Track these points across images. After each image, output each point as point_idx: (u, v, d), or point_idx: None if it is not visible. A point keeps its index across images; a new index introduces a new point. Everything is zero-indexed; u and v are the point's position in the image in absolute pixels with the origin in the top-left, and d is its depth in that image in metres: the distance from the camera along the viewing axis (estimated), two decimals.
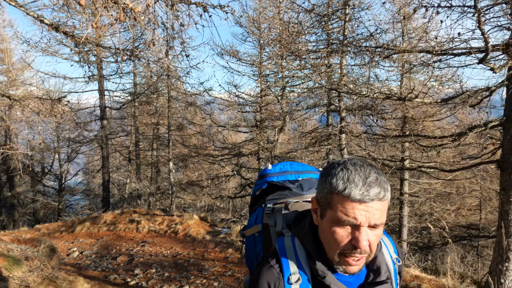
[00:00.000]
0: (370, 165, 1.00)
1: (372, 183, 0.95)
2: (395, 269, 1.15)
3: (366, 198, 0.93)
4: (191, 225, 9.18)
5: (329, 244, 1.01)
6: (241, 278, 5.73)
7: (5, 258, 4.36)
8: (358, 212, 0.94)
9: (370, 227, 0.97)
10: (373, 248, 1.00)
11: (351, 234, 0.97)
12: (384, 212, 0.98)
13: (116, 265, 7.17)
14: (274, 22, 12.91)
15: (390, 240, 1.21)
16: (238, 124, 15.99)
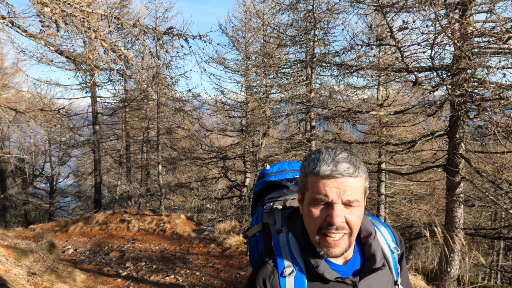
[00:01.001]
0: (345, 149, 1.03)
1: (341, 159, 0.98)
2: (394, 258, 1.15)
3: (335, 173, 0.96)
4: (178, 224, 9.92)
5: (308, 226, 1.03)
6: (220, 269, 6.52)
7: (14, 249, 5.08)
8: (329, 188, 0.96)
9: (345, 204, 0.98)
10: (353, 227, 1.00)
11: (326, 212, 0.98)
12: (358, 189, 0.99)
13: (109, 259, 7.87)
14: (258, 33, 13.73)
15: (387, 230, 1.21)
16: (225, 129, 16.78)
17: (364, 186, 1.02)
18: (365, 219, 1.13)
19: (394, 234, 1.21)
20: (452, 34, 4.40)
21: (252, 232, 1.39)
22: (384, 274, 1.09)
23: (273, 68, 8.62)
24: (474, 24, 5.90)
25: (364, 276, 1.05)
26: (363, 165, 1.02)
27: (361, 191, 1.00)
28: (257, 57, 11.20)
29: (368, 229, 1.11)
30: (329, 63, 7.28)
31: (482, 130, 5.12)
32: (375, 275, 1.06)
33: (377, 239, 1.12)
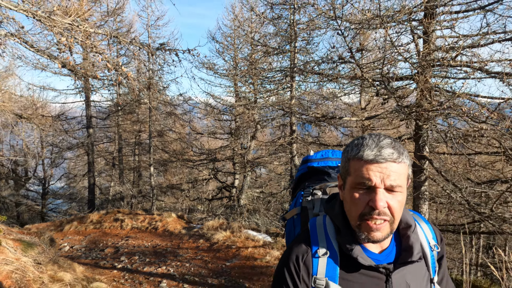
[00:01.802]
0: (388, 136, 1.02)
1: (385, 145, 0.98)
2: (432, 255, 1.13)
3: (378, 157, 0.96)
4: (169, 222, 10.50)
5: (350, 211, 1.03)
6: (208, 261, 7.14)
7: (21, 242, 5.63)
8: (372, 172, 0.96)
9: (388, 190, 0.97)
10: (395, 214, 0.99)
11: (368, 196, 0.97)
12: (402, 176, 0.99)
13: (104, 255, 8.43)
14: (246, 40, 14.37)
15: (429, 226, 1.19)
16: (215, 131, 17.38)
17: (408, 173, 1.02)
18: (406, 212, 1.12)
19: (435, 232, 1.18)
20: (400, 54, 5.11)
21: (290, 214, 1.41)
22: (420, 269, 1.08)
23: (256, 77, 9.27)
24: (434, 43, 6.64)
25: (398, 266, 1.03)
26: (407, 152, 1.02)
27: (404, 177, 1.00)
28: (245, 64, 11.85)
29: (408, 220, 1.10)
30: (309, 72, 7.96)
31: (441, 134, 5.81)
32: (410, 268, 1.05)
33: (416, 233, 1.09)
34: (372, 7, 4.92)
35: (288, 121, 10.85)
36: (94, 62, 4.25)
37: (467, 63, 5.94)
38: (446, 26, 7.16)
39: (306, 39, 10.90)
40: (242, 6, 14.53)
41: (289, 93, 10.54)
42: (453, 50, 5.53)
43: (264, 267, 6.41)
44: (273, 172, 16.56)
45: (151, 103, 13.22)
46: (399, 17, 6.57)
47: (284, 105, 8.91)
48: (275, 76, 11.05)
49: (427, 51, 6.16)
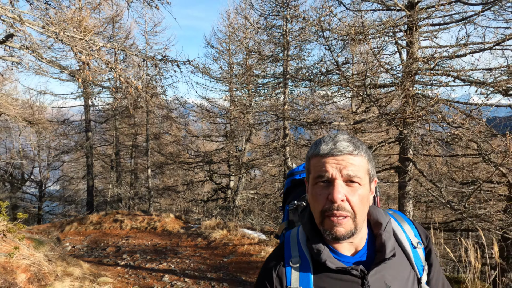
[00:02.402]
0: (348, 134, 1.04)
1: (341, 139, 1.00)
2: (417, 253, 1.10)
3: (334, 151, 0.97)
4: (168, 222, 10.91)
5: (313, 208, 1.02)
6: (206, 257, 7.57)
7: (32, 240, 6.02)
8: (329, 165, 0.97)
9: (346, 182, 0.97)
10: (356, 208, 0.97)
11: (327, 190, 0.97)
12: (360, 168, 0.98)
13: (106, 253, 8.81)
14: (241, 45, 14.85)
15: (410, 225, 1.16)
16: (211, 134, 17.82)
17: (367, 167, 1.01)
18: (377, 210, 1.10)
19: (418, 230, 1.15)
20: (381, 66, 5.62)
21: (280, 230, 1.43)
22: (403, 269, 1.05)
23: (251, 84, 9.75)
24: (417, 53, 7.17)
25: (373, 267, 1.00)
26: (366, 148, 1.03)
27: (363, 170, 0.99)
28: (240, 70, 12.34)
29: (378, 219, 1.08)
30: (301, 79, 8.45)
31: (417, 138, 6.32)
32: (388, 269, 1.02)
33: (389, 230, 1.06)
34: (357, 23, 5.41)
35: (281, 125, 11.33)
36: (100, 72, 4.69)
37: (446, 71, 6.48)
38: (428, 37, 7.73)
39: (299, 46, 11.43)
40: (236, 13, 15.03)
41: (282, 98, 11.04)
42: (430, 60, 6.05)
43: (259, 262, 6.86)
44: (267, 174, 17.03)
45: (149, 108, 13.62)
46: (384, 29, 7.11)
47: (277, 110, 9.40)
48: (269, 83, 11.56)
49: (409, 61, 6.69)
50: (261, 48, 12.80)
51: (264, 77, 11.58)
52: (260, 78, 11.54)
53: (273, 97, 10.96)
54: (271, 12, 9.86)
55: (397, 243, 1.09)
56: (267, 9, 11.64)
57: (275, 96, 11.18)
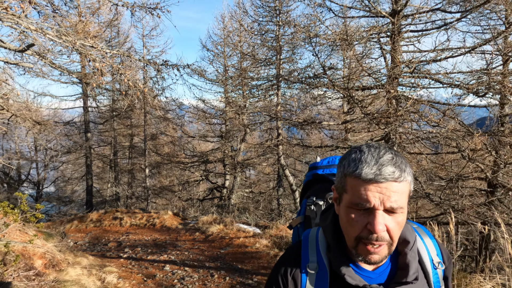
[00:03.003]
0: (388, 148, 0.95)
1: (385, 162, 0.90)
2: (436, 273, 1.06)
3: (378, 177, 0.88)
4: (166, 219, 11.36)
5: (346, 231, 0.97)
6: (204, 249, 8.05)
7: (43, 233, 6.46)
8: (371, 193, 0.89)
9: (387, 211, 0.90)
10: (394, 236, 0.93)
11: (366, 219, 0.91)
12: (403, 195, 0.91)
13: (108, 248, 9.24)
14: (236, 48, 15.35)
15: (433, 242, 1.11)
16: (206, 135, 18.29)
17: (409, 190, 0.94)
18: (406, 227, 1.05)
19: (440, 248, 1.11)
20: (364, 70, 6.14)
21: (295, 223, 1.42)
22: (420, 287, 1.01)
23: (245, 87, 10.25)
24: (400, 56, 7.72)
25: (393, 286, 0.99)
26: (409, 167, 0.95)
27: (405, 196, 0.92)
28: (235, 73, 12.87)
29: (407, 237, 1.04)
30: (293, 81, 8.97)
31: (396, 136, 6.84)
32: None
33: (415, 250, 1.03)
34: (344, 30, 5.92)
35: (274, 125, 11.85)
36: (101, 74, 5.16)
37: (425, 75, 7.03)
38: (411, 42, 8.30)
39: (291, 50, 11.97)
40: (231, 17, 15.53)
41: (275, 99, 11.57)
42: (410, 64, 6.60)
43: (254, 253, 7.35)
44: (262, 173, 17.52)
45: (147, 109, 14.06)
46: (369, 35, 7.65)
47: (271, 111, 9.92)
48: (263, 85, 12.09)
49: (392, 66, 7.24)
50: (255, 51, 13.32)
51: (258, 79, 12.12)
52: (254, 80, 12.08)
53: (266, 99, 11.51)
54: (264, 18, 10.38)
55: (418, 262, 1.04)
56: (261, 14, 12.18)
57: (269, 98, 11.73)
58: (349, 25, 8.64)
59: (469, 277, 4.04)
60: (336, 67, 6.46)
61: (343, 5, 7.95)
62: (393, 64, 7.33)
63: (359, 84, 7.04)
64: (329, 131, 15.17)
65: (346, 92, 6.07)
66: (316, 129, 12.74)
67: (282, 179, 14.89)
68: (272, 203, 17.29)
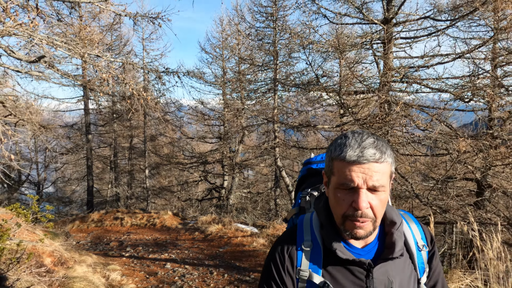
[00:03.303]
0: (372, 134, 1.03)
1: (367, 145, 0.98)
2: (420, 255, 1.15)
3: (361, 159, 0.97)
4: (166, 219, 11.65)
5: (334, 210, 1.05)
6: (203, 248, 8.35)
7: (49, 233, 6.74)
8: (355, 174, 0.97)
9: (370, 190, 0.98)
10: (377, 213, 1.01)
11: (351, 197, 0.99)
12: (384, 175, 1.00)
13: (110, 247, 9.52)
14: (234, 52, 15.63)
15: (418, 226, 1.20)
16: (205, 136, 18.58)
17: (390, 170, 1.03)
18: (392, 209, 1.14)
19: (425, 232, 1.20)
20: (355, 77, 6.46)
21: (290, 215, 1.49)
22: (406, 267, 1.11)
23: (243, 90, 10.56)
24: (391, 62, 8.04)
25: (380, 262, 1.07)
26: (390, 149, 1.03)
27: (387, 176, 1.01)
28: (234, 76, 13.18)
29: (393, 218, 1.12)
30: (289, 85, 9.27)
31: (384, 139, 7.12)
32: (392, 265, 1.07)
33: (401, 230, 1.11)
34: (338, 37, 6.23)
35: (272, 127, 12.17)
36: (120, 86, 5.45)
37: (414, 80, 7.35)
38: (402, 49, 8.62)
39: (288, 54, 12.28)
40: (229, 21, 15.83)
41: (273, 102, 11.89)
42: (400, 69, 6.92)
43: (251, 251, 7.65)
44: (259, 174, 17.81)
45: (147, 112, 14.34)
46: (362, 42, 7.97)
47: (268, 115, 10.23)
48: (260, 88, 12.41)
49: (384, 71, 7.56)
50: (253, 54, 13.63)
51: (256, 82, 12.44)
52: (252, 84, 12.39)
53: (264, 102, 11.84)
54: (261, 24, 10.70)
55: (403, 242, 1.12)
56: (258, 19, 12.49)
57: (266, 101, 12.06)
58: (343, 31, 8.97)
59: (450, 272, 4.34)
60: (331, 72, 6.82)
61: (337, 13, 8.27)
62: (385, 70, 7.65)
63: (352, 89, 7.35)
64: (325, 132, 15.51)
65: (338, 99, 6.38)
66: (312, 131, 13.08)
67: (279, 179, 15.20)
68: (270, 203, 17.60)
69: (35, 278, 4.02)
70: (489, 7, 7.21)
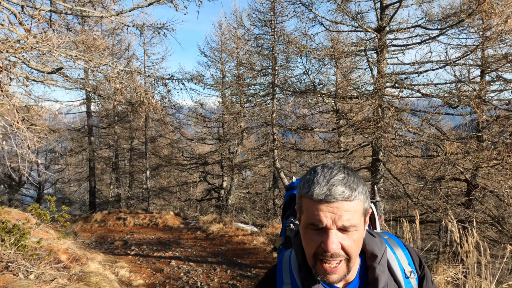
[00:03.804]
0: (343, 167, 0.98)
1: (336, 182, 0.93)
2: (409, 283, 1.08)
3: (328, 197, 0.91)
4: (168, 219, 12.02)
5: (305, 249, 1.00)
6: (206, 246, 8.72)
7: (59, 232, 7.10)
8: (323, 213, 0.92)
9: (340, 230, 0.93)
10: (351, 252, 0.95)
11: (321, 238, 0.94)
12: (356, 213, 0.94)
13: (115, 246, 9.88)
14: (232, 55, 16.01)
15: (404, 252, 1.14)
16: (204, 137, 18.94)
17: (363, 208, 0.97)
18: (373, 240, 1.08)
19: (412, 257, 1.13)
20: (349, 85, 6.88)
21: (278, 243, 1.48)
22: None
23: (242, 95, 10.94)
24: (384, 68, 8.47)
25: None
26: (362, 185, 0.97)
27: (358, 214, 0.95)
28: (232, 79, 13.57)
29: (374, 251, 1.06)
30: (287, 90, 9.67)
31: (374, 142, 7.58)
32: None
33: (383, 263, 1.05)
34: (330, 49, 6.64)
35: (270, 130, 12.59)
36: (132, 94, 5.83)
37: (407, 86, 7.77)
38: (394, 55, 9.04)
39: (286, 58, 12.69)
40: (228, 24, 16.21)
41: (271, 105, 12.30)
42: (392, 77, 7.33)
43: (252, 249, 8.05)
44: (258, 174, 18.19)
45: (147, 113, 14.71)
46: (357, 50, 8.38)
47: (267, 119, 10.64)
48: (259, 93, 12.83)
49: (377, 77, 7.98)
50: (252, 59, 14.02)
51: (254, 85, 12.85)
52: (251, 86, 12.80)
53: (262, 106, 12.27)
54: (260, 30, 11.10)
55: (389, 272, 1.06)
56: (256, 25, 12.88)
57: (265, 105, 12.48)
58: (340, 38, 9.39)
59: (436, 266, 4.75)
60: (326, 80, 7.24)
61: (332, 21, 8.69)
62: (379, 76, 8.07)
63: (348, 94, 7.76)
64: (322, 134, 15.93)
65: (333, 105, 6.80)
66: (310, 133, 13.48)
67: (278, 180, 15.59)
68: (268, 203, 17.99)
69: (56, 272, 4.38)
70: (475, 17, 7.66)
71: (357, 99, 7.37)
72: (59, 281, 4.02)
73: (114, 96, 5.27)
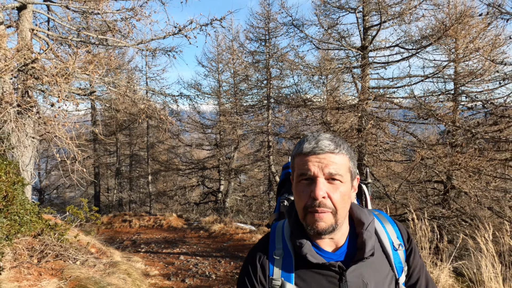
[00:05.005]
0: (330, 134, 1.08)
1: (323, 138, 1.04)
2: (397, 255, 1.14)
3: (316, 149, 1.02)
4: (172, 220, 12.95)
5: (297, 205, 1.07)
6: (209, 244, 9.69)
7: (82, 230, 8.01)
8: (311, 163, 1.01)
9: (328, 180, 1.01)
10: (337, 204, 1.01)
11: (310, 188, 1.01)
12: (342, 166, 1.03)
13: (125, 246, 10.78)
14: (228, 65, 17.02)
15: (393, 226, 1.20)
16: (202, 143, 19.88)
17: (348, 165, 1.05)
18: (361, 210, 1.15)
19: (400, 231, 1.19)
20: (335, 102, 7.95)
21: (271, 220, 1.55)
22: (381, 268, 1.10)
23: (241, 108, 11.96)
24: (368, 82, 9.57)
25: (352, 264, 1.05)
26: (347, 146, 1.06)
27: (344, 168, 1.03)
28: (229, 89, 14.61)
29: (361, 218, 1.12)
30: (281, 102, 10.71)
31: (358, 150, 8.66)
32: (367, 267, 1.07)
33: (371, 230, 1.10)
34: (317, 68, 7.70)
35: (266, 137, 13.63)
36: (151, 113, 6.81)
37: (386, 99, 8.87)
38: (375, 72, 10.14)
39: (280, 70, 13.79)
40: (224, 36, 17.25)
41: (266, 115, 13.36)
42: (374, 90, 8.42)
43: (251, 245, 9.03)
44: (254, 178, 19.17)
45: (148, 121, 15.65)
46: (342, 66, 9.46)
47: (262, 128, 11.67)
48: (256, 104, 13.90)
49: (361, 92, 9.06)
50: (247, 71, 15.07)
51: (251, 95, 13.89)
52: (247, 96, 13.83)
53: (258, 115, 13.36)
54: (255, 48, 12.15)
55: (378, 243, 1.13)
56: (251, 38, 13.95)
57: (261, 117, 13.56)
58: (329, 53, 10.49)
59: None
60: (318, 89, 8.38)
61: (320, 40, 9.78)
62: (362, 91, 9.17)
63: (334, 106, 8.83)
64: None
65: (321, 118, 7.85)
66: None
67: (273, 183, 16.60)
68: (264, 206, 18.98)
69: (95, 260, 5.33)
70: (446, 39, 8.81)
71: (343, 110, 8.43)
72: (100, 266, 4.96)
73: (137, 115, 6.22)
